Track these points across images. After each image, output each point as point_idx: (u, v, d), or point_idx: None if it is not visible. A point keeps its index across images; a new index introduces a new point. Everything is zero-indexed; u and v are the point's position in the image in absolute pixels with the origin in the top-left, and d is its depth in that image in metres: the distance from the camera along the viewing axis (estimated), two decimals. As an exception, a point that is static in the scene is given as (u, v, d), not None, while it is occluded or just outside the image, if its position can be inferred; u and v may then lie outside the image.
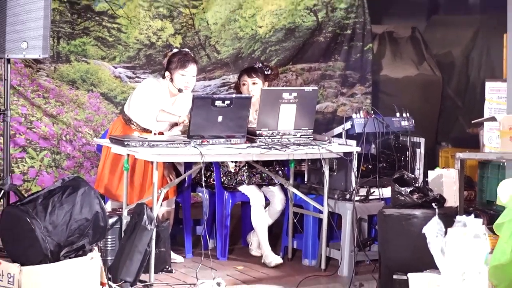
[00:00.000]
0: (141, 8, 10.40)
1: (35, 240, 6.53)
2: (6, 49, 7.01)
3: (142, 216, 7.14)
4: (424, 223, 4.61)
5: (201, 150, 7.25)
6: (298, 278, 7.50)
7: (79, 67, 10.19)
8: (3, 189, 7.22)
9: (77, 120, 10.15)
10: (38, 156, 10.03)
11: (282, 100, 7.81)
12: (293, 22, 10.94)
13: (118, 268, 7.09)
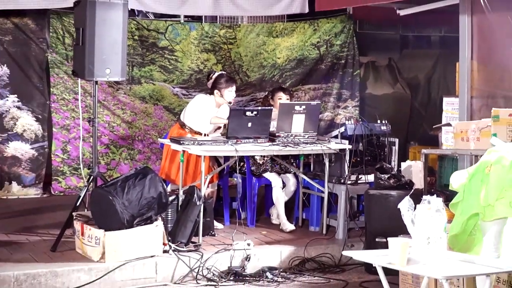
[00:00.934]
0: (192, 44, 10.39)
1: (115, 213, 6.53)
2: (95, 74, 6.98)
3: (193, 195, 7.13)
4: (398, 200, 4.55)
5: (236, 147, 7.28)
6: (306, 240, 7.45)
7: (147, 87, 10.19)
8: (92, 175, 7.21)
9: (146, 125, 10.15)
10: (118, 151, 10.04)
11: (294, 111, 7.81)
12: (302, 54, 10.89)
13: (175, 233, 7.08)
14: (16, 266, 6.36)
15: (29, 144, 9.64)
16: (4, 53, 9.49)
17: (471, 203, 4.80)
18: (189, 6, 9.36)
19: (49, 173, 9.72)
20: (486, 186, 4.59)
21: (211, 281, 6.59)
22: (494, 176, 4.64)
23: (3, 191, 9.50)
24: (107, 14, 7.11)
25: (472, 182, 4.80)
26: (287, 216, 8.12)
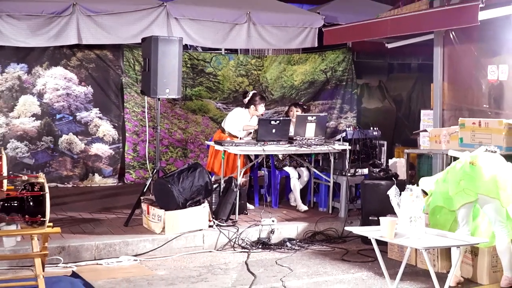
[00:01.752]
0: (230, 71, 10.38)
1: (173, 197, 6.53)
2: (157, 93, 6.98)
3: (231, 184, 7.12)
4: (387, 188, 4.53)
5: (263, 148, 7.26)
6: (316, 218, 7.39)
7: (197, 103, 10.20)
8: (155, 169, 7.22)
9: (196, 131, 10.16)
10: (175, 151, 10.05)
11: (307, 120, 7.82)
12: (313, 78, 10.84)
13: (218, 212, 7.07)
14: (97, 237, 6.38)
15: (107, 145, 9.68)
16: (89, 77, 9.54)
17: (436, 198, 4.86)
18: (228, 41, 9.35)
19: (123, 167, 9.75)
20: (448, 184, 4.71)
21: (245, 248, 6.57)
22: (450, 177, 4.70)
23: (88, 181, 9.55)
24: (167, 48, 7.11)
25: (439, 183, 4.88)
26: (302, 199, 8.09)
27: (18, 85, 9.21)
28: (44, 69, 9.32)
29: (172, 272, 5.78)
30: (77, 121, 9.52)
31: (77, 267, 5.81)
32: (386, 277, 3.94)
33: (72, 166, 9.50)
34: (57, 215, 7.01)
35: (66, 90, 9.44)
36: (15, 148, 9.15)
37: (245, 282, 5.47)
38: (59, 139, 9.42)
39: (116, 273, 5.71)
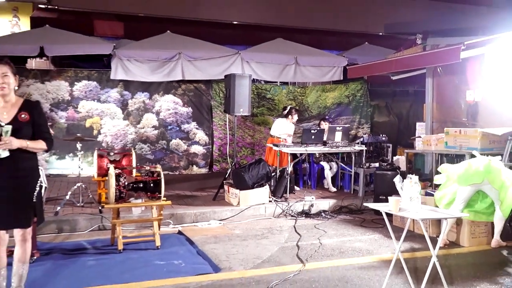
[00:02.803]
0: (283, 96, 10.31)
1: (245, 181, 6.53)
2: (235, 111, 7.01)
3: (284, 172, 7.03)
4: (392, 177, 4.40)
5: (306, 148, 7.15)
6: (342, 196, 7.25)
7: (261, 118, 10.16)
8: (233, 162, 7.22)
9: (260, 137, 10.12)
10: (246, 150, 10.04)
11: (336, 130, 7.71)
12: (340, 101, 10.65)
13: (275, 191, 7.02)
14: (195, 207, 6.44)
15: (202, 146, 9.76)
16: (189, 101, 9.64)
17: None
18: (282, 76, 9.28)
19: (212, 161, 9.81)
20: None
21: (293, 217, 6.51)
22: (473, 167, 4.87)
23: (188, 170, 9.65)
24: (241, 81, 7.14)
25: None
26: (332, 184, 7.95)
27: (143, 106, 9.40)
28: (160, 96, 9.49)
29: (244, 231, 5.77)
30: (182, 130, 9.65)
31: (181, 228, 5.88)
32: (393, 237, 3.79)
33: (178, 160, 9.63)
34: (169, 192, 7.10)
35: (174, 110, 9.59)
36: (141, 148, 9.35)
37: (294, 239, 5.41)
38: (170, 142, 9.56)
39: (207, 231, 5.75)
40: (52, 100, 8.86)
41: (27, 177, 3.34)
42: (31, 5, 10.64)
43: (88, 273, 4.19)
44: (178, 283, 3.98)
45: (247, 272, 4.29)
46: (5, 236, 3.34)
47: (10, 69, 3.29)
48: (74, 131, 8.65)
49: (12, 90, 3.30)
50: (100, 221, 5.77)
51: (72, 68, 9.12)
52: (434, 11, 11.98)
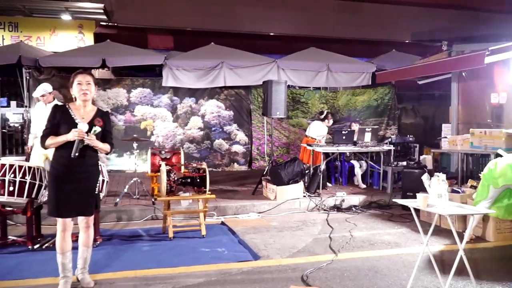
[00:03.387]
0: (316, 100, 10.18)
1: (281, 177, 6.47)
2: (272, 114, 6.97)
3: (317, 169, 6.93)
4: (418, 175, 4.30)
5: (337, 148, 7.01)
6: (371, 193, 7.09)
7: (295, 120, 10.07)
8: (271, 160, 7.18)
9: (295, 137, 10.03)
10: (282, 149, 9.98)
11: (366, 131, 7.53)
12: (369, 104, 10.41)
13: (309, 187, 6.93)
14: (236, 201, 6.45)
15: (242, 146, 9.78)
16: (231, 105, 9.68)
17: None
18: (315, 82, 9.15)
19: (251, 159, 9.81)
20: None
21: (325, 211, 6.40)
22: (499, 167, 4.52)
23: (230, 167, 9.68)
24: (277, 87, 7.10)
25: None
26: (362, 181, 7.77)
27: (190, 110, 9.52)
28: (205, 100, 9.58)
29: (281, 223, 5.73)
30: (224, 132, 9.70)
31: (224, 219, 5.91)
32: (421, 231, 3.65)
33: (221, 158, 9.69)
34: (213, 187, 7.15)
35: (218, 113, 9.66)
36: (188, 148, 9.47)
37: (326, 231, 5.32)
38: (213, 142, 9.64)
39: (247, 223, 5.74)
40: (112, 105, 9.12)
41: (92, 173, 3.49)
42: (94, 22, 11.01)
43: (143, 257, 4.27)
44: (221, 269, 3.99)
45: (283, 260, 4.25)
46: (70, 223, 3.46)
47: (92, 78, 3.47)
48: (131, 132, 8.87)
49: (92, 97, 3.46)
50: (153, 211, 5.88)
51: (129, 77, 9.36)
52: (460, 19, 11.55)
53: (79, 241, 3.57)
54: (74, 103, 3.47)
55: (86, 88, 3.40)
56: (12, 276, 3.74)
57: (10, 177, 4.26)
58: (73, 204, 3.38)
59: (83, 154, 3.34)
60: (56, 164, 3.37)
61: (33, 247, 4.43)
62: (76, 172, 3.36)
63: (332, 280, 3.75)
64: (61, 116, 3.37)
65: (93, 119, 3.42)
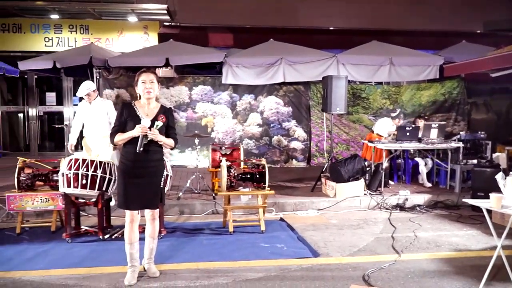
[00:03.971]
0: (378, 96, 9.88)
1: (341, 174, 6.36)
2: (332, 110, 6.86)
3: (379, 167, 6.74)
4: (491, 174, 4.01)
5: (400, 145, 6.77)
6: (438, 192, 6.75)
7: (356, 116, 9.86)
8: (330, 157, 7.07)
9: (355, 134, 9.82)
10: (341, 146, 9.81)
11: (432, 127, 7.19)
12: (435, 99, 9.92)
13: (370, 185, 6.76)
14: (295, 197, 6.43)
15: (300, 142, 9.74)
16: (290, 102, 9.67)
17: None
18: (376, 76, 8.82)
19: (310, 156, 9.75)
20: None
21: (387, 209, 6.20)
22: None
23: (288, 163, 9.68)
24: (337, 82, 6.97)
25: None
26: (427, 179, 7.42)
27: (249, 107, 9.63)
28: (264, 97, 9.64)
29: (340, 221, 5.64)
30: (283, 128, 9.71)
31: (283, 215, 5.92)
32: (494, 234, 3.44)
33: (280, 154, 9.72)
34: (271, 183, 7.19)
35: (276, 110, 9.68)
36: (247, 144, 9.59)
37: (388, 231, 5.16)
38: (272, 139, 9.69)
39: (306, 220, 5.72)
40: (175, 102, 9.46)
41: (157, 167, 3.63)
42: (158, 23, 11.50)
43: (205, 250, 4.40)
44: (281, 264, 4.01)
45: (344, 259, 4.19)
46: (137, 215, 3.65)
47: (156, 77, 3.62)
48: (192, 129, 9.16)
49: (155, 95, 3.61)
50: (214, 206, 6.03)
51: (191, 75, 9.65)
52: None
53: (145, 232, 3.75)
54: (139, 101, 3.63)
55: (150, 86, 3.55)
56: (86, 263, 4.02)
57: (83, 171, 4.56)
58: (140, 197, 3.54)
59: (148, 149, 3.50)
60: (124, 159, 3.56)
61: (103, 237, 4.72)
62: (142, 166, 3.52)
63: (395, 281, 3.63)
64: (128, 113, 3.55)
65: (157, 115, 3.56)
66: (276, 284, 3.57)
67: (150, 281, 3.62)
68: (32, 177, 5.03)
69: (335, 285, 3.54)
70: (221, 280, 3.65)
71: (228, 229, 5.00)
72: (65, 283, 3.58)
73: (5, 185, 6.59)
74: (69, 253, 4.30)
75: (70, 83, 11.57)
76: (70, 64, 8.36)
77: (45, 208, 4.96)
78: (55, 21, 11.16)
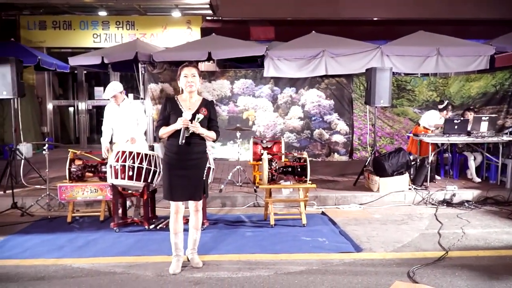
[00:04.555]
0: (424, 88, 9.54)
1: (385, 169, 6.23)
2: (375, 102, 6.71)
3: (424, 161, 6.52)
4: None
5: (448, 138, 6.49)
6: (487, 187, 6.45)
7: (400, 109, 9.57)
8: (373, 150, 6.91)
9: (399, 127, 9.54)
10: (385, 140, 9.58)
11: (482, 120, 6.84)
12: (485, 90, 9.44)
13: (415, 180, 6.58)
14: (336, 191, 6.36)
15: (342, 136, 9.59)
16: (332, 94, 9.52)
17: None
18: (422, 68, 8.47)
19: (352, 149, 9.58)
20: None
21: (433, 205, 6.01)
22: None
23: (330, 157, 9.55)
24: (382, 74, 6.80)
25: None
26: (476, 174, 7.10)
27: (290, 100, 9.58)
28: (305, 90, 9.56)
29: (384, 216, 5.52)
30: (324, 121, 9.60)
31: (324, 209, 5.88)
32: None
33: (321, 148, 9.62)
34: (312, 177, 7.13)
35: (318, 103, 9.58)
36: (288, 137, 9.56)
37: (434, 227, 5.00)
38: (313, 132, 9.59)
39: (348, 214, 5.65)
40: (217, 96, 9.57)
41: (200, 159, 3.69)
42: (201, 17, 11.65)
43: (247, 242, 4.45)
44: (322, 258, 3.99)
45: (387, 254, 4.10)
46: (182, 206, 3.74)
47: (197, 71, 3.67)
48: (234, 122, 9.24)
49: (197, 88, 3.67)
50: (255, 199, 6.07)
51: (232, 69, 9.72)
52: None
53: (189, 223, 3.84)
54: (182, 95, 3.71)
55: (192, 80, 3.60)
56: (132, 252, 4.17)
57: (130, 163, 4.71)
58: (184, 188, 3.63)
59: (190, 142, 3.57)
60: (168, 151, 3.65)
61: (149, 227, 4.87)
62: (185, 159, 3.60)
63: (441, 279, 3.52)
64: (171, 107, 3.63)
65: (198, 108, 3.62)
66: (318, 278, 3.55)
67: (193, 271, 3.71)
68: (82, 168, 5.27)
69: (378, 281, 3.48)
70: (263, 272, 3.67)
71: (269, 222, 5.02)
72: (113, 270, 3.73)
73: (57, 176, 6.93)
74: (116, 242, 4.47)
75: (117, 78, 11.97)
76: (117, 60, 8.64)
77: (94, 198, 5.17)
78: (102, 18, 11.56)
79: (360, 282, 3.47)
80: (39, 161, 7.55)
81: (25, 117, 9.94)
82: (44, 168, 5.88)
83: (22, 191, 6.26)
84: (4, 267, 3.81)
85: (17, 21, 11.54)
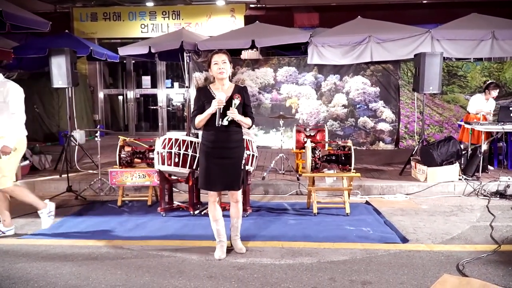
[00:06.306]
0: (477, 73, 9.09)
1: (433, 158, 5.99)
2: (424, 89, 6.44)
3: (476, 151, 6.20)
4: None
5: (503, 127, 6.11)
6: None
7: (451, 96, 9.16)
8: (421, 139, 6.65)
9: (450, 115, 9.14)
10: (434, 128, 9.20)
11: None
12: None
13: (466, 170, 6.28)
14: (382, 181, 6.19)
15: (388, 124, 9.30)
16: (377, 81, 9.24)
17: None
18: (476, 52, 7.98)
19: (398, 138, 9.29)
20: None
21: (485, 196, 5.71)
22: None
23: (375, 146, 9.32)
24: (431, 60, 6.51)
25: None
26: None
27: (334, 87, 9.40)
28: (349, 77, 9.33)
29: (432, 207, 5.32)
30: (369, 109, 9.35)
31: (368, 198, 5.75)
32: None
33: (366, 136, 9.40)
34: (357, 166, 6.97)
35: (363, 90, 9.33)
36: (331, 125, 9.40)
37: (486, 219, 4.76)
38: (358, 120, 9.38)
39: (393, 204, 5.49)
40: (260, 84, 9.55)
41: (238, 148, 3.67)
42: (244, 5, 11.62)
43: (290, 230, 4.43)
44: (367, 248, 3.91)
45: (435, 246, 3.95)
46: (219, 194, 3.78)
47: (228, 57, 3.63)
48: (277, 110, 9.21)
49: (228, 75, 3.64)
50: (298, 187, 6.03)
51: (276, 57, 9.64)
52: None
53: (230, 212, 3.86)
54: (214, 84, 3.69)
55: (223, 67, 3.57)
56: (178, 236, 4.28)
57: (175, 150, 4.81)
58: (221, 177, 3.61)
59: (227, 129, 3.54)
60: (205, 140, 3.64)
61: (193, 213, 4.97)
62: (222, 147, 3.58)
63: (493, 273, 3.35)
64: (204, 96, 3.62)
65: (232, 94, 3.59)
66: (362, 267, 3.49)
67: (237, 256, 3.75)
68: (131, 154, 5.44)
69: (425, 273, 3.37)
70: (306, 260, 3.65)
71: (312, 210, 4.98)
72: (160, 253, 3.85)
73: (108, 162, 7.21)
74: (164, 226, 4.60)
75: (163, 67, 12.23)
76: (164, 49, 8.80)
77: (142, 184, 5.35)
78: (150, 8, 11.80)
79: (406, 274, 3.37)
80: (92, 147, 7.91)
81: (79, 105, 10.41)
82: (96, 154, 6.14)
83: (77, 176, 6.57)
84: (61, 247, 4.03)
85: (71, 14, 12.02)
